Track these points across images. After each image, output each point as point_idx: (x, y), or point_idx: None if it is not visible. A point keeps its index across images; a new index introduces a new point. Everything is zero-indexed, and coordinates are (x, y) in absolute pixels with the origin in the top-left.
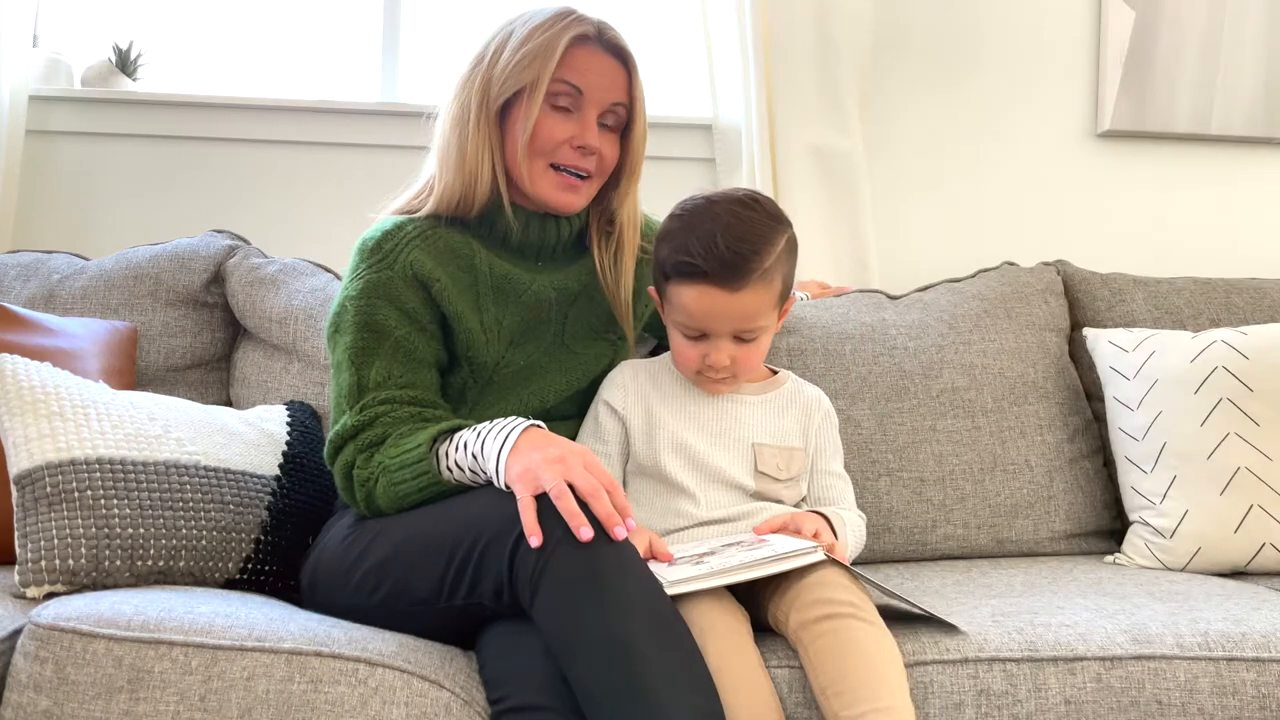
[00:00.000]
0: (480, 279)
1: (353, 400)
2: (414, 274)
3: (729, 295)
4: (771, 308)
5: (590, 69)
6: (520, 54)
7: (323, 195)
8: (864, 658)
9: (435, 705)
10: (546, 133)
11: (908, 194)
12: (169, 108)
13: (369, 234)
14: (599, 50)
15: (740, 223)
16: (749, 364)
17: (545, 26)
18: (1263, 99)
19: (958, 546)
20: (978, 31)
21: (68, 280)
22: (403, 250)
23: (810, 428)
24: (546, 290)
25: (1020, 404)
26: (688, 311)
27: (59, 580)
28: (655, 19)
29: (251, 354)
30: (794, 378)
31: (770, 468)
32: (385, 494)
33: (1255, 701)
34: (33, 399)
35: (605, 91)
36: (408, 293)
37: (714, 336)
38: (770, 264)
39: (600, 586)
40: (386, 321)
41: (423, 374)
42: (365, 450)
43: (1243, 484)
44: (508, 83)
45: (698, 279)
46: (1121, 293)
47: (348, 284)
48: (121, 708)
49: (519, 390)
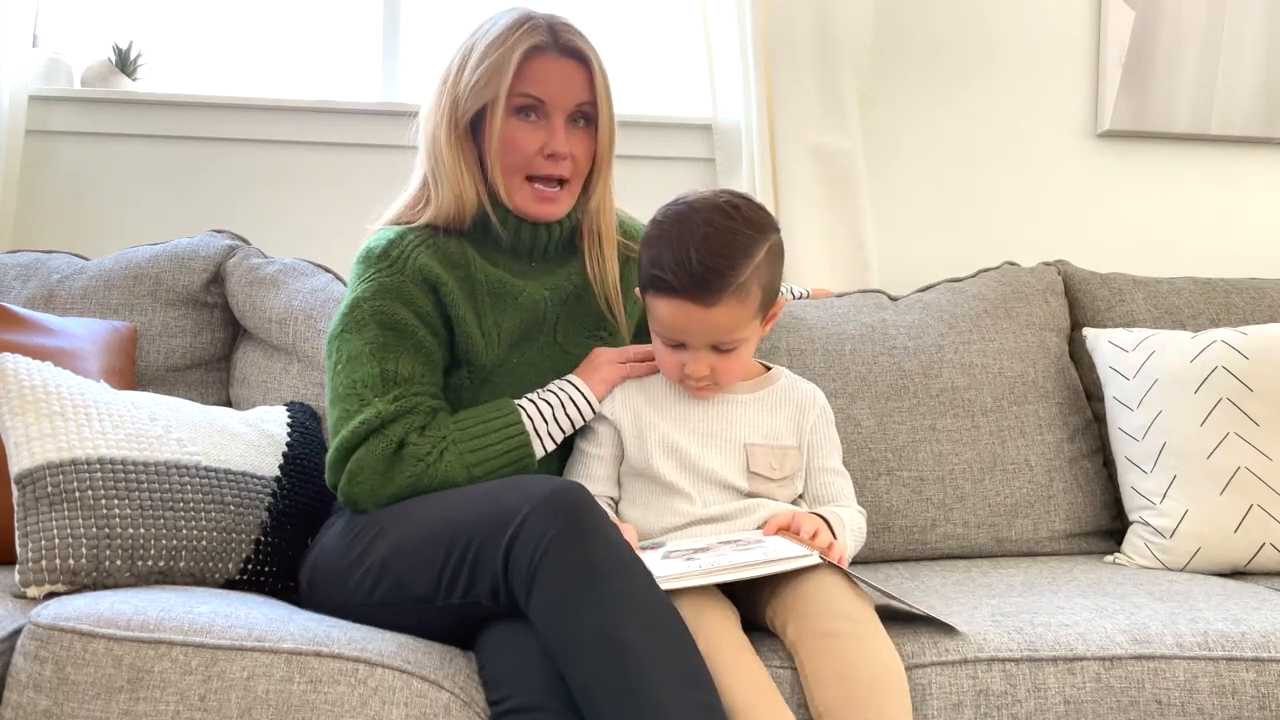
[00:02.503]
0: (478, 286)
1: (380, 390)
2: (424, 277)
3: (702, 310)
4: (750, 319)
5: (549, 77)
6: (479, 73)
7: (323, 195)
8: (863, 686)
9: (435, 705)
10: (517, 146)
11: (908, 194)
12: (169, 108)
13: (373, 242)
14: (555, 56)
15: (717, 234)
16: (730, 373)
17: (500, 41)
18: (1263, 99)
19: (957, 546)
20: (978, 32)
21: (67, 280)
22: (411, 255)
23: (805, 425)
24: (540, 292)
25: (1020, 404)
26: (663, 322)
27: (59, 580)
28: (655, 19)
29: (251, 354)
30: (788, 374)
31: (763, 468)
32: (457, 462)
33: (1255, 701)
34: (34, 398)
35: (567, 95)
36: (420, 296)
37: (692, 347)
38: (746, 277)
39: (595, 582)
40: (406, 322)
41: (439, 375)
42: (415, 431)
43: (1242, 484)
44: (470, 101)
45: (669, 293)
46: (1121, 293)
47: (357, 287)
48: (121, 708)
49: (515, 389)
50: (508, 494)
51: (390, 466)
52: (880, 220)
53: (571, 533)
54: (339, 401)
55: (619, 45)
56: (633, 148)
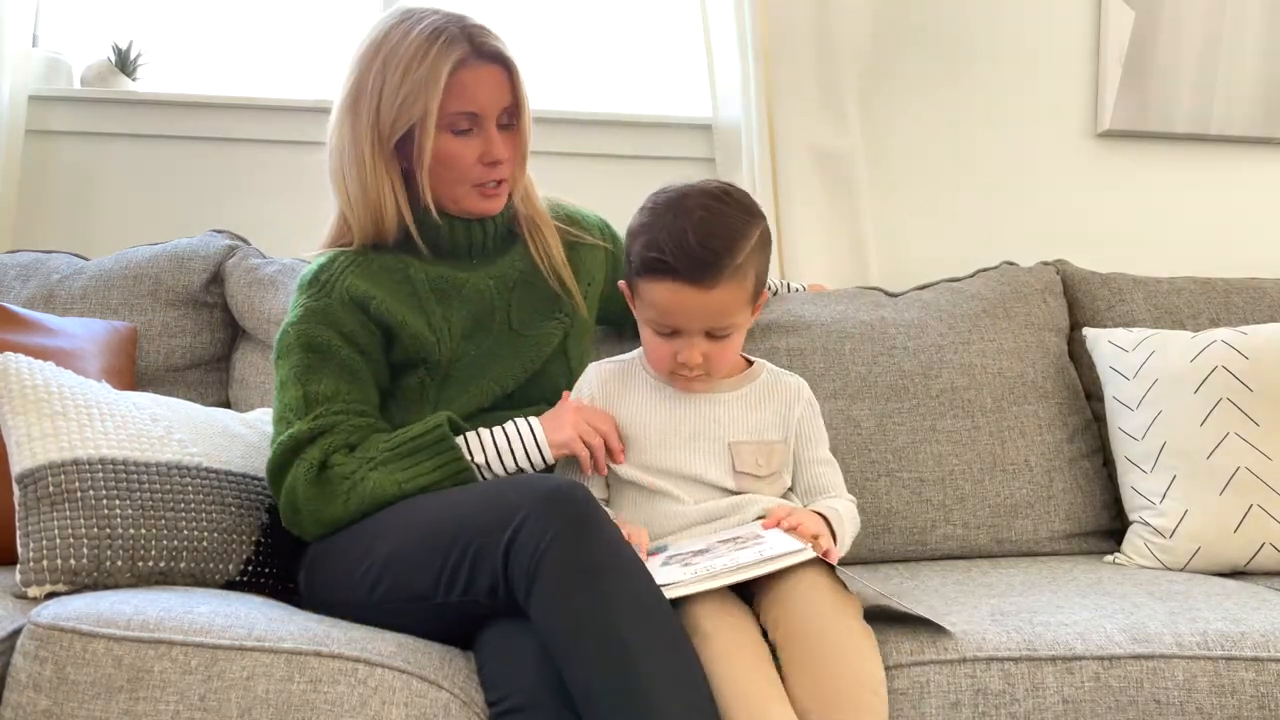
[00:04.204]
0: (418, 286)
1: (302, 412)
2: (350, 298)
3: (700, 293)
4: (744, 304)
5: (479, 88)
6: (403, 92)
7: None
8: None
9: (434, 706)
10: (456, 161)
11: (907, 193)
12: (168, 107)
13: (306, 271)
14: (479, 64)
15: (712, 217)
16: (722, 361)
17: (419, 56)
18: (1263, 99)
19: (957, 546)
20: (978, 31)
21: (67, 280)
22: (338, 279)
23: (791, 419)
24: (484, 281)
25: (1020, 404)
26: (659, 308)
27: (60, 580)
28: (655, 19)
29: (250, 355)
30: (770, 367)
31: (749, 465)
32: (383, 482)
33: (1254, 701)
34: (36, 398)
35: (496, 102)
36: (346, 317)
37: (686, 334)
38: (742, 260)
39: (594, 581)
40: (330, 343)
41: (369, 393)
42: (336, 451)
43: (1242, 484)
44: (399, 121)
45: (668, 276)
46: (1121, 292)
47: (289, 314)
48: (121, 707)
49: (477, 380)
50: (508, 492)
51: (320, 490)
52: (879, 220)
53: (572, 532)
54: (274, 424)
55: (619, 45)
56: (633, 148)
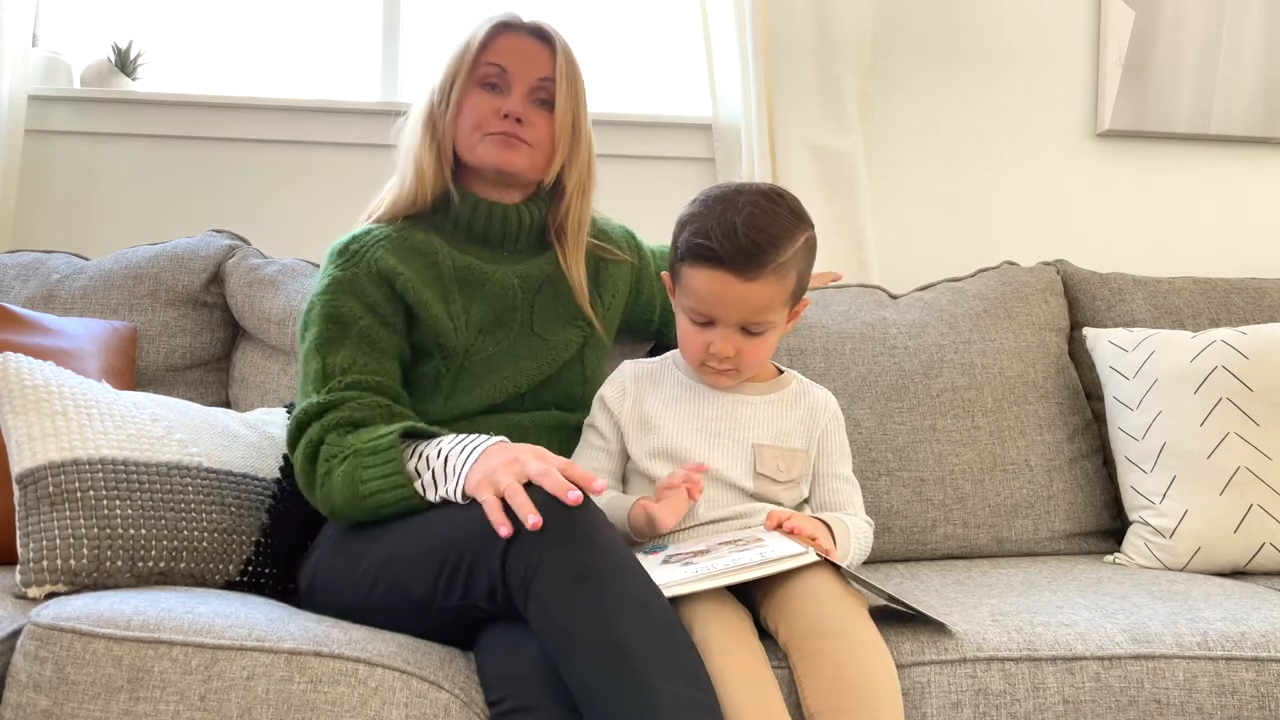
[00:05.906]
0: (444, 272)
1: (319, 384)
2: (378, 270)
3: (742, 283)
4: (783, 304)
5: (512, 49)
6: (452, 55)
7: (323, 195)
8: (855, 689)
9: (435, 706)
10: (478, 108)
11: (907, 193)
12: (168, 107)
13: (338, 240)
14: (522, 34)
15: (763, 214)
16: (753, 358)
17: (475, 29)
18: (1263, 99)
19: (957, 546)
20: (978, 31)
21: (67, 280)
22: (368, 251)
23: (815, 430)
24: (509, 278)
25: (1020, 404)
26: (698, 295)
27: (60, 580)
28: (655, 18)
29: (250, 355)
30: (800, 378)
31: (770, 469)
32: (344, 479)
33: (1254, 701)
34: (36, 398)
35: (529, 67)
36: (372, 288)
37: (721, 324)
38: (787, 258)
39: (592, 583)
40: (351, 313)
41: (386, 363)
42: (335, 429)
43: (1242, 484)
44: (444, 82)
45: (713, 263)
46: (1121, 292)
47: (316, 284)
48: (121, 708)
49: (491, 376)
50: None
51: (310, 465)
52: (880, 219)
53: (568, 535)
54: (298, 396)
55: (619, 45)
56: (632, 147)
